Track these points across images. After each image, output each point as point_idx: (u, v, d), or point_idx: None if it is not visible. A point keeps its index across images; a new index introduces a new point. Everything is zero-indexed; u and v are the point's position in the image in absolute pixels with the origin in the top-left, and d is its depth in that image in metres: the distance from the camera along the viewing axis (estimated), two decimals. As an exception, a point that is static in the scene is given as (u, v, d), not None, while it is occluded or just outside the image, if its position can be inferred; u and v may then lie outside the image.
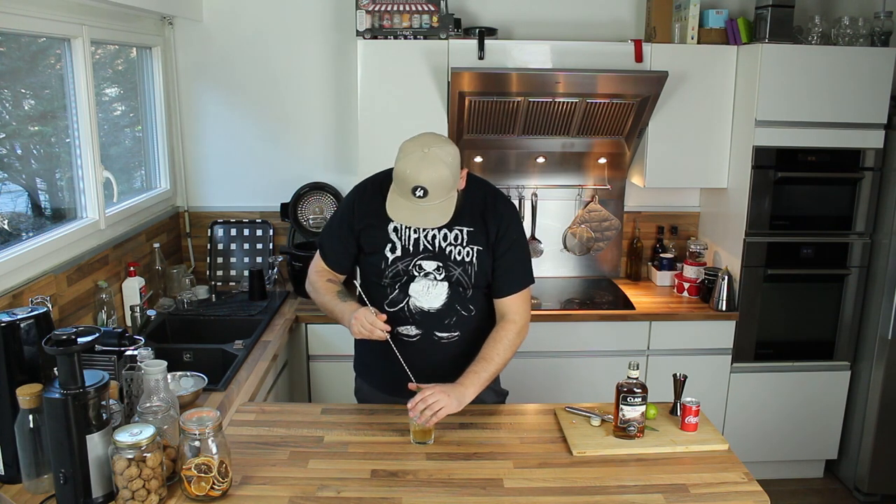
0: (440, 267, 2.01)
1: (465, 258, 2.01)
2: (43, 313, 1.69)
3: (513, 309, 2.05)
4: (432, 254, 2.01)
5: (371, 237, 2.04)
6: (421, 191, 1.81)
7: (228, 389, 2.23)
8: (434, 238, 2.01)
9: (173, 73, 3.35)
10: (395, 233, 2.02)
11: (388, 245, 2.02)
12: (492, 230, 2.01)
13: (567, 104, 3.11)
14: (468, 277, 2.02)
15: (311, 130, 3.47)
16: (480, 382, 1.94)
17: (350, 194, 2.12)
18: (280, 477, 1.70)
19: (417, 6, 3.05)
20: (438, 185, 1.82)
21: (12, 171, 2.41)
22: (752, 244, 3.17)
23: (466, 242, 2.01)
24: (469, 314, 2.06)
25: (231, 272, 3.48)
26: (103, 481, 1.56)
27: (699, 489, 1.68)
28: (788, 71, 3.00)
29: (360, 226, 2.04)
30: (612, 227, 3.55)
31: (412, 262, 2.01)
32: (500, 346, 1.99)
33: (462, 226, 2.01)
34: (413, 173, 1.80)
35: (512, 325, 2.03)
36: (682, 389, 2.02)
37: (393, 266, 2.02)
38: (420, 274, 2.02)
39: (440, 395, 1.84)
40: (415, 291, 2.02)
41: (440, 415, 1.83)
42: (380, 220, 2.01)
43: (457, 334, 2.06)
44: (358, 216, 2.05)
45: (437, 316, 2.03)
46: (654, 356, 3.18)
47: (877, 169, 3.11)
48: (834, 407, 3.34)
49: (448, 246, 2.01)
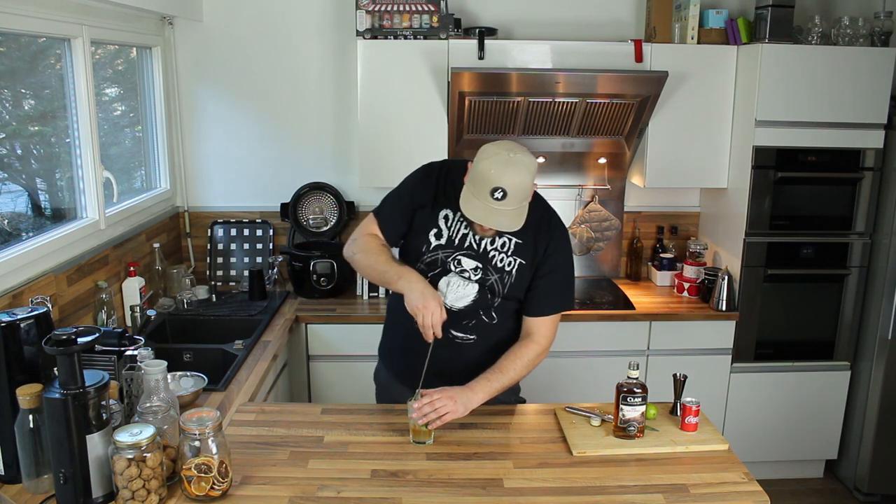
0: (478, 268, 2.00)
1: (506, 267, 1.99)
2: (43, 313, 1.69)
3: (540, 331, 2.03)
4: (475, 254, 2.00)
5: (423, 216, 2.03)
6: (500, 192, 1.78)
7: (228, 389, 2.23)
8: (481, 239, 1.99)
9: (173, 73, 3.35)
10: (445, 221, 2.01)
11: (433, 230, 2.01)
12: (540, 248, 2.00)
13: (567, 104, 3.11)
14: (502, 286, 2.00)
15: (311, 130, 3.47)
16: (490, 391, 1.94)
17: (417, 171, 2.11)
18: (280, 477, 1.70)
19: (417, 6, 3.05)
20: (518, 191, 1.79)
21: (12, 171, 2.41)
22: (752, 244, 3.17)
23: (512, 252, 1.99)
24: (490, 321, 2.04)
25: (231, 272, 3.48)
26: (103, 481, 1.56)
27: (699, 489, 1.68)
28: (788, 71, 3.00)
29: (419, 202, 2.03)
30: (612, 227, 3.55)
31: (453, 255, 2.00)
32: (519, 363, 1.99)
33: (513, 235, 1.99)
34: (497, 174, 1.78)
35: (535, 345, 2.02)
36: (682, 389, 2.02)
37: (433, 253, 2.01)
38: (456, 270, 2.00)
39: (447, 400, 1.85)
40: (444, 286, 2.01)
41: (444, 419, 1.84)
42: (435, 203, 2.01)
43: (472, 337, 2.05)
44: (419, 192, 2.04)
45: (457, 315, 2.02)
46: (654, 356, 3.18)
47: (877, 169, 3.11)
48: (834, 407, 3.34)
49: (493, 250, 1.99)
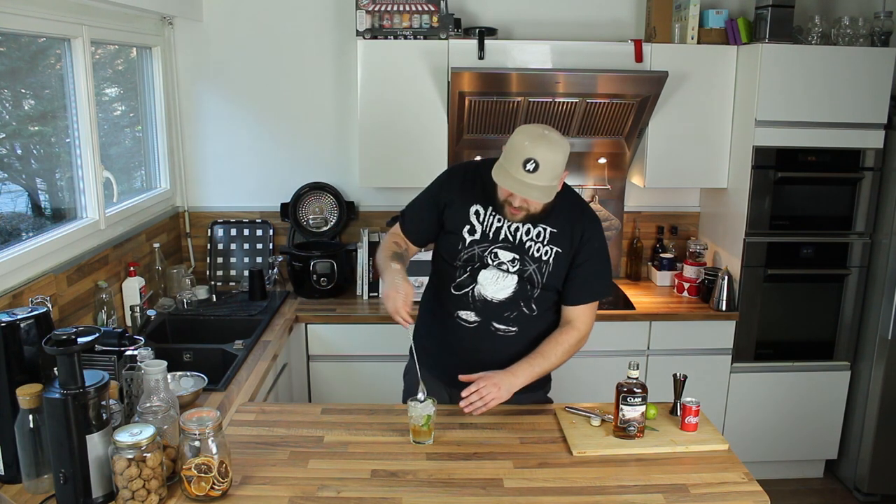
0: (515, 259, 2.02)
1: (543, 256, 2.02)
2: (43, 313, 1.69)
3: (581, 318, 2.07)
4: (511, 245, 2.02)
5: (452, 215, 2.05)
6: (532, 164, 1.80)
7: (228, 389, 2.23)
8: (517, 230, 2.02)
9: (173, 73, 3.35)
10: (477, 217, 2.03)
11: (466, 226, 2.03)
12: (576, 236, 2.02)
13: (567, 104, 3.11)
14: (540, 276, 2.02)
15: (310, 130, 3.46)
16: (531, 375, 1.98)
17: (443, 173, 2.17)
18: (280, 477, 1.70)
19: (417, 6, 3.05)
20: (549, 165, 1.82)
21: (12, 171, 2.41)
22: (752, 244, 3.17)
23: (548, 241, 2.02)
24: (531, 313, 2.06)
25: (231, 272, 3.48)
26: (103, 481, 1.56)
27: (699, 489, 1.68)
28: (788, 71, 3.00)
29: (445, 200, 2.07)
30: (612, 227, 3.55)
31: (489, 248, 2.02)
32: (560, 349, 2.03)
33: (547, 225, 2.02)
34: (531, 146, 1.81)
35: (576, 332, 2.06)
36: (682, 389, 2.02)
37: (469, 249, 2.03)
38: (493, 263, 2.02)
39: (493, 388, 1.91)
40: (483, 279, 2.03)
41: (491, 405, 1.91)
42: (464, 200, 2.04)
43: (514, 329, 2.06)
44: (445, 191, 2.08)
45: (498, 307, 2.04)
46: (654, 356, 3.18)
47: (877, 169, 3.11)
48: (834, 407, 3.34)
49: (529, 241, 2.02)
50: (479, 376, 1.94)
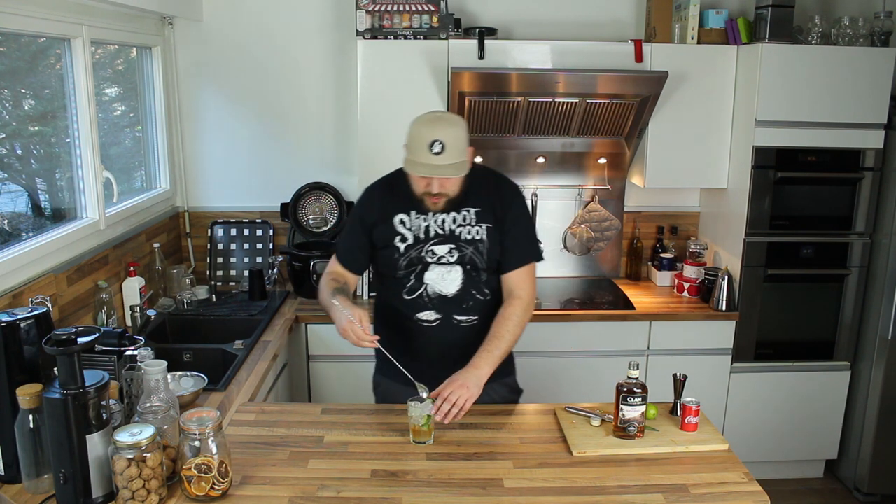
0: (452, 249, 2.05)
1: (476, 236, 2.06)
2: (43, 313, 1.69)
3: (519, 284, 2.10)
4: (444, 237, 2.06)
5: (381, 232, 2.09)
6: (439, 145, 1.88)
7: (228, 389, 2.23)
8: (444, 222, 2.06)
9: (173, 73, 3.35)
10: (403, 224, 2.07)
11: (396, 237, 2.07)
12: (497, 207, 2.08)
13: (567, 104, 3.11)
14: (480, 256, 2.06)
15: (311, 130, 3.47)
16: (493, 360, 1.99)
17: (361, 195, 2.21)
18: (280, 477, 1.70)
19: (417, 6, 3.05)
20: (453, 141, 1.90)
21: (12, 171, 2.41)
22: (752, 244, 3.17)
23: (475, 221, 2.07)
24: (485, 298, 2.10)
25: (231, 272, 3.48)
26: (103, 481, 1.56)
27: (699, 489, 1.68)
28: (788, 71, 3.00)
29: (371, 221, 2.10)
30: (612, 227, 3.55)
31: (424, 248, 2.06)
32: (510, 323, 2.04)
33: (469, 206, 2.07)
34: (430, 129, 1.90)
35: (518, 301, 2.08)
36: (682, 389, 2.02)
37: (406, 255, 2.06)
38: (433, 260, 2.06)
39: (460, 389, 1.89)
40: (430, 279, 2.07)
41: (466, 407, 1.89)
42: (386, 214, 2.08)
43: (475, 318, 2.10)
44: (368, 212, 2.12)
45: (454, 300, 2.08)
46: (654, 356, 3.18)
47: (877, 169, 3.11)
48: (834, 407, 3.34)
49: (458, 228, 2.06)
50: (442, 386, 1.91)
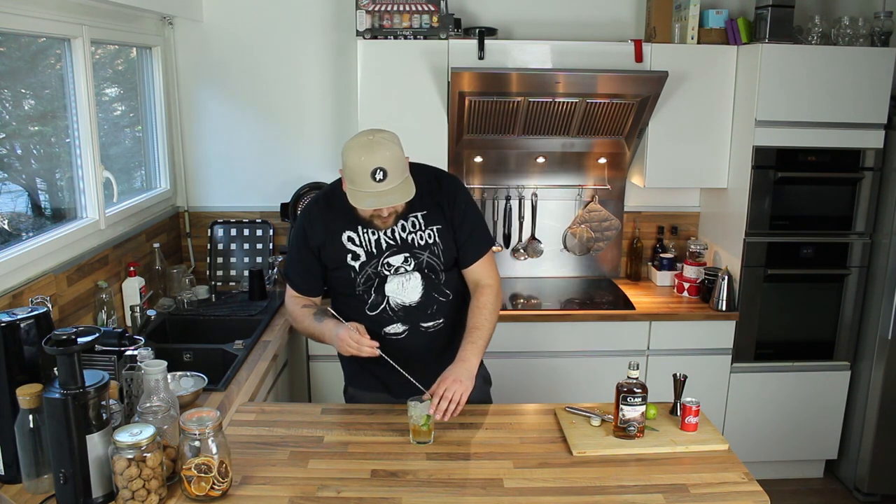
0: (407, 258, 2.04)
1: (428, 240, 2.05)
2: (43, 313, 1.69)
3: (483, 274, 2.11)
4: (397, 247, 2.04)
5: (330, 252, 2.05)
6: (381, 173, 1.82)
7: (228, 389, 2.23)
8: (394, 232, 2.04)
9: (173, 73, 3.35)
10: (352, 242, 2.04)
11: (348, 255, 2.04)
12: (444, 206, 2.06)
13: (567, 104, 3.11)
14: (437, 258, 2.05)
15: (310, 130, 3.47)
16: (479, 350, 2.00)
17: (298, 218, 2.14)
18: (280, 477, 1.70)
19: (417, 6, 3.05)
20: (395, 164, 1.85)
21: (12, 171, 2.41)
22: (752, 244, 3.16)
23: (425, 226, 2.05)
24: (447, 299, 2.10)
25: (231, 272, 3.48)
26: (103, 481, 1.56)
27: (699, 489, 1.68)
28: (788, 71, 3.00)
29: (317, 244, 2.05)
30: (612, 227, 3.55)
31: (379, 262, 2.04)
32: (486, 311, 2.05)
33: (416, 211, 2.05)
34: (368, 158, 1.83)
35: (488, 289, 2.09)
36: (682, 389, 2.02)
37: (362, 272, 2.04)
38: (391, 272, 2.04)
39: (454, 385, 1.88)
40: (391, 290, 2.05)
41: (463, 400, 1.88)
42: (332, 234, 2.04)
43: (441, 321, 2.10)
44: (311, 236, 2.06)
45: (418, 308, 2.07)
46: (654, 356, 3.18)
47: (877, 169, 3.11)
48: (834, 407, 3.34)
49: (409, 235, 2.04)
50: (436, 384, 1.90)
